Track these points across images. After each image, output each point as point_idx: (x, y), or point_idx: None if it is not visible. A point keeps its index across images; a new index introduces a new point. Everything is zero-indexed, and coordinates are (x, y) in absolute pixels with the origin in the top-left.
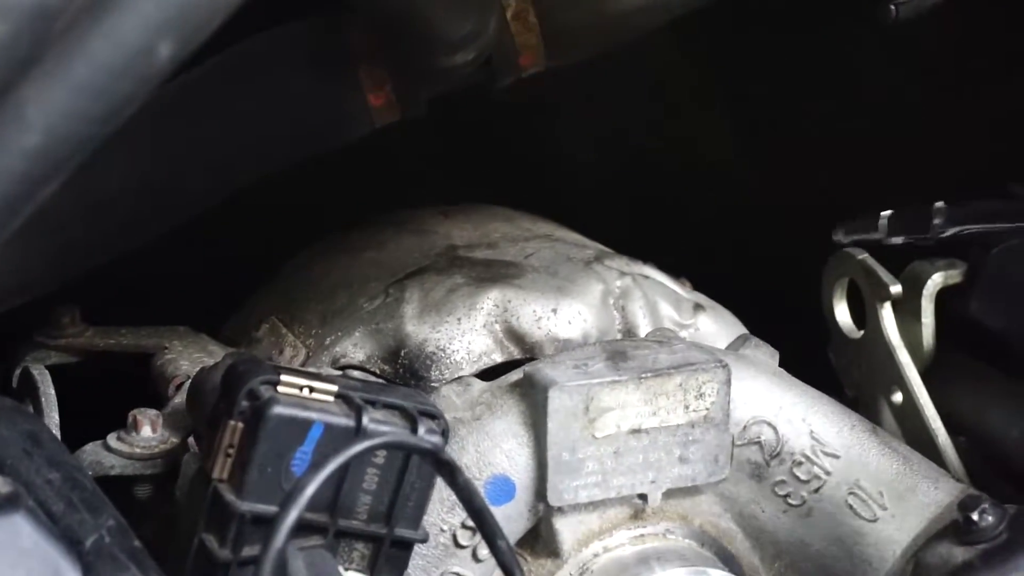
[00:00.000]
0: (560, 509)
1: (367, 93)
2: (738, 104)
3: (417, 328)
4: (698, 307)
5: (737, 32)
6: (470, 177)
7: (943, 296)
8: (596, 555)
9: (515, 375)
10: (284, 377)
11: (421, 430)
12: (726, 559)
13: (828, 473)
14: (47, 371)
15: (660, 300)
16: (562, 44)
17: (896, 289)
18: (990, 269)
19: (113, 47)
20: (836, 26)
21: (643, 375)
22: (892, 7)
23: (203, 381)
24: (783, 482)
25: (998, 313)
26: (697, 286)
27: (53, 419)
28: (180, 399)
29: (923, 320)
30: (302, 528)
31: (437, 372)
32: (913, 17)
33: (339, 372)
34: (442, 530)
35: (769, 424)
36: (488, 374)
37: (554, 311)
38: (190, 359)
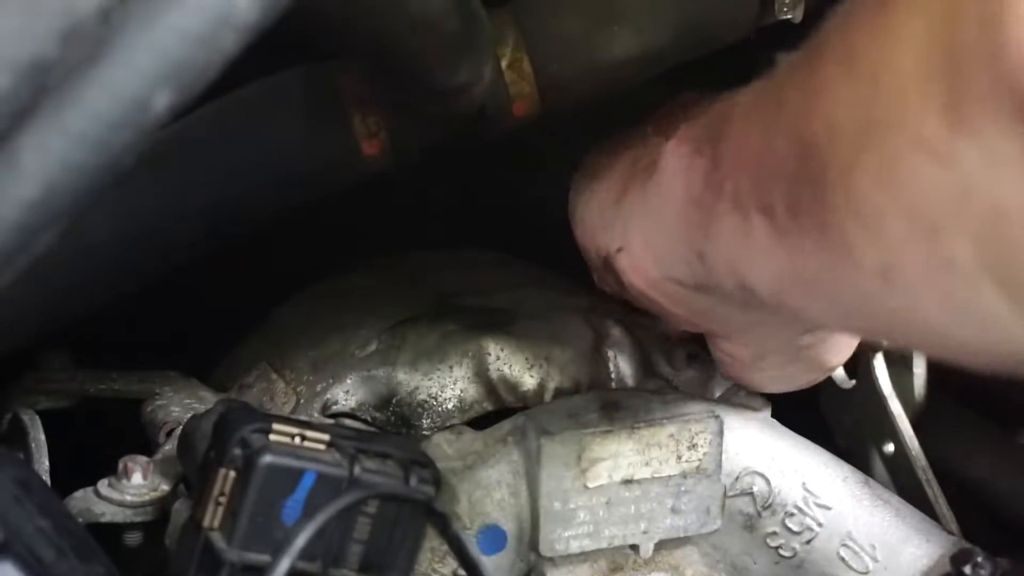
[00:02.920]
0: (551, 559)
1: (361, 141)
2: None
3: (409, 376)
4: (691, 356)
5: (732, 83)
6: (462, 223)
7: None
8: None
9: (507, 424)
10: (276, 425)
11: (413, 480)
12: None
13: (820, 525)
14: (37, 416)
15: (652, 349)
16: (556, 93)
17: None
18: None
19: (110, 98)
20: None
21: (636, 425)
22: None
23: (194, 428)
24: (775, 533)
25: None
26: None
27: (43, 465)
28: (171, 446)
29: (915, 370)
30: None
31: (429, 420)
32: None
33: (331, 420)
34: None
35: (761, 475)
36: (480, 422)
37: (546, 359)
38: (181, 405)
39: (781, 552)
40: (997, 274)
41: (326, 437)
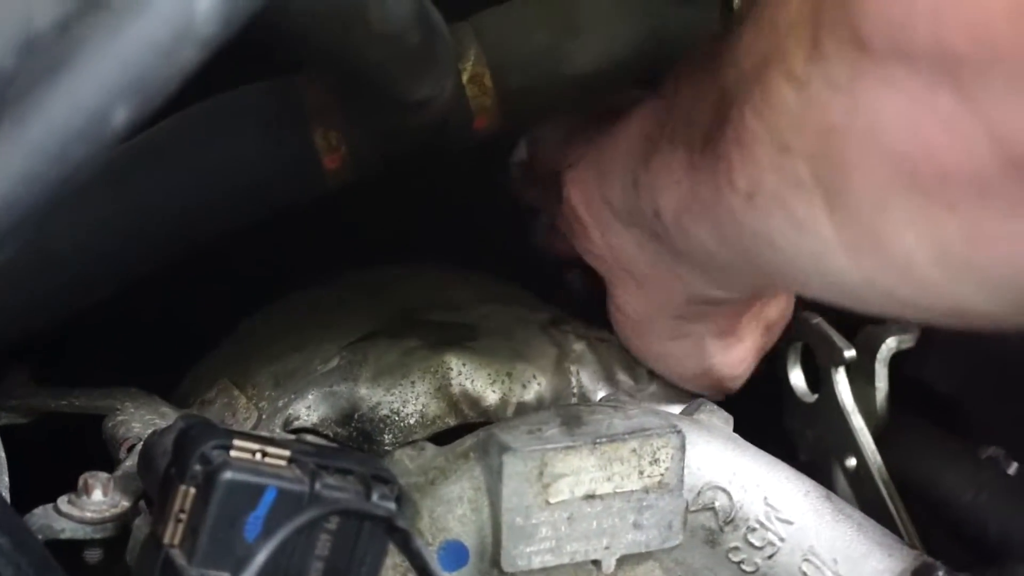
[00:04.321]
0: (513, 575)
1: (322, 155)
2: None
3: (371, 391)
4: (652, 372)
5: None
6: (425, 238)
7: (897, 360)
8: None
9: (469, 440)
10: (237, 441)
11: (375, 496)
12: None
13: (782, 540)
14: None
15: (615, 364)
16: (518, 107)
17: (850, 353)
18: (943, 334)
19: (69, 110)
20: None
21: (598, 440)
22: None
23: (155, 444)
24: (737, 548)
25: (950, 377)
26: None
27: (3, 481)
28: (131, 462)
29: (877, 384)
30: None
31: (391, 436)
32: None
33: (292, 435)
34: None
35: (723, 490)
36: (442, 438)
37: (509, 375)
38: (142, 421)
39: (743, 567)
40: (826, 189)
41: (287, 453)
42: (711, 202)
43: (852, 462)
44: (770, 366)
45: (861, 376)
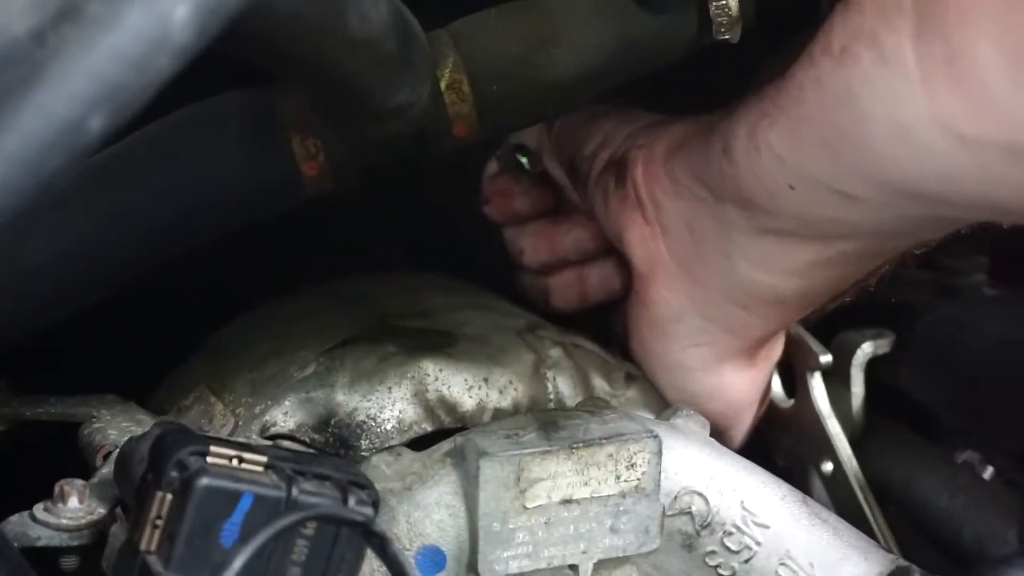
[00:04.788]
0: None
1: (300, 163)
2: None
3: (348, 397)
4: (629, 377)
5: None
6: (404, 245)
7: (872, 365)
8: None
9: (446, 445)
10: (213, 447)
11: (351, 501)
12: None
13: (759, 544)
14: None
15: (591, 370)
16: (496, 114)
17: (826, 359)
18: (918, 339)
19: (44, 120)
20: None
21: (574, 445)
22: None
23: (131, 451)
24: (714, 552)
25: (926, 383)
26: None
27: None
28: (108, 469)
29: (853, 390)
30: None
31: (367, 441)
32: None
33: (269, 442)
34: None
35: (700, 494)
36: (419, 443)
37: (485, 380)
38: (118, 428)
39: (720, 571)
40: (920, 12)
41: (264, 459)
42: (794, 92)
43: (828, 467)
44: None
45: (837, 381)
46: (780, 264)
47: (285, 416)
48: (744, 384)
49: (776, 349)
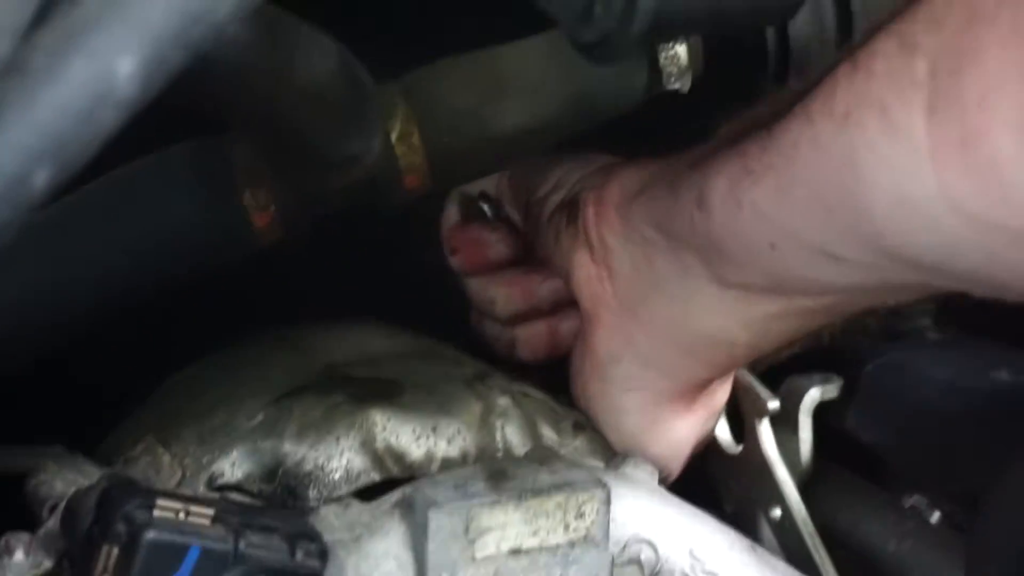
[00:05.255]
0: None
1: (252, 214)
2: None
3: (295, 447)
4: (577, 425)
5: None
6: (351, 293)
7: (821, 410)
8: None
9: (395, 495)
10: (160, 500)
11: (299, 554)
12: None
13: None
14: None
15: (540, 419)
16: (447, 165)
17: (774, 405)
18: (865, 384)
19: None
20: None
21: (523, 495)
22: None
23: (78, 504)
24: None
25: (873, 428)
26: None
27: None
28: (54, 522)
29: (801, 435)
30: None
31: (316, 491)
32: None
33: (216, 493)
34: None
35: (649, 543)
36: (367, 493)
37: (434, 430)
38: (65, 480)
39: None
40: (936, 86)
41: (211, 511)
42: (787, 151)
43: (777, 513)
44: None
45: (785, 427)
46: (737, 315)
47: (233, 467)
48: (682, 428)
49: (720, 394)
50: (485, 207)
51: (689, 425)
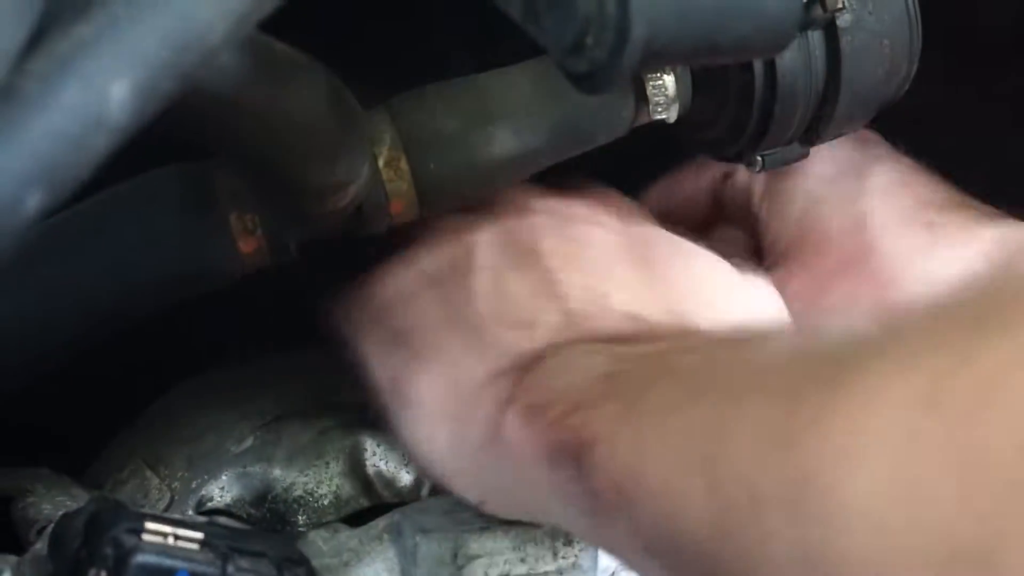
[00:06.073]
0: None
1: (237, 239)
2: None
3: (285, 472)
4: None
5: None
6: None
7: None
8: None
9: (383, 521)
10: (148, 524)
11: None
12: None
13: None
14: None
15: None
16: (434, 192)
17: None
18: None
19: None
20: None
21: (512, 522)
22: (759, 158)
23: (66, 527)
24: None
25: None
26: None
27: None
28: (42, 545)
29: None
30: None
31: (305, 516)
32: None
33: (205, 518)
34: None
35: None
36: (356, 519)
37: None
38: (53, 503)
39: None
40: None
41: (199, 536)
42: None
43: None
44: None
45: None
46: None
47: (222, 491)
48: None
49: None
50: None
51: None
